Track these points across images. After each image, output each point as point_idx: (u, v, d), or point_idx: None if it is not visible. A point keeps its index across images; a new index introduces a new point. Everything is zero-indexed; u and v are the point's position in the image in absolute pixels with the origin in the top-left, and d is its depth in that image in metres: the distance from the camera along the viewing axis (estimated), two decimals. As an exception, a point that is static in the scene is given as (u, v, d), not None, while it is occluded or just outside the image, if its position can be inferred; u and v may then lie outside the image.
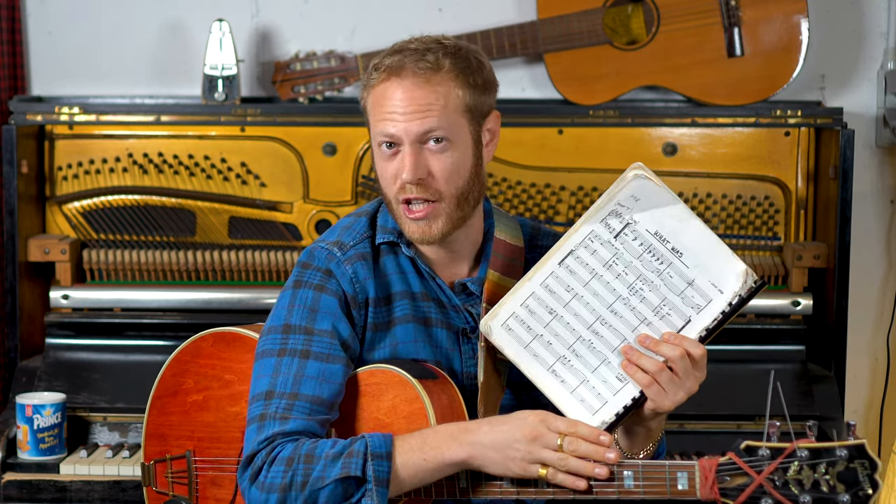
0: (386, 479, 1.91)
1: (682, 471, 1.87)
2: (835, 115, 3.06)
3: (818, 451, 1.79)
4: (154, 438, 2.27)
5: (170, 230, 3.16)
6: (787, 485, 1.79)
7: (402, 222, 2.07)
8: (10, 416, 2.87)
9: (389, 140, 2.03)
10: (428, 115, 2.01)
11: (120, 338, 3.05)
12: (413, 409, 2.00)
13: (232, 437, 2.17)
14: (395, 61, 2.03)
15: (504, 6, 3.26)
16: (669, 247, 1.94)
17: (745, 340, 3.02)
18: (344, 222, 2.17)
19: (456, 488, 1.97)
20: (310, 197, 3.16)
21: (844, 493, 1.78)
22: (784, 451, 1.80)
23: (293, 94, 3.20)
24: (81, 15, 3.33)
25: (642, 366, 1.93)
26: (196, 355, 2.24)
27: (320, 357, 2.02)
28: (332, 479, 1.91)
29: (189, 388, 2.23)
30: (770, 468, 1.80)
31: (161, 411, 2.26)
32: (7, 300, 3.06)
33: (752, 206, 3.14)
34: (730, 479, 1.83)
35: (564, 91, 3.19)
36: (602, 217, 1.95)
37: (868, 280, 3.32)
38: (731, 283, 1.93)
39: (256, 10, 3.32)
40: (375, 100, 2.05)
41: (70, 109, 3.09)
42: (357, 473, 1.91)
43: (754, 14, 3.16)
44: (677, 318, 1.94)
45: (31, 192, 3.12)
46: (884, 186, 3.32)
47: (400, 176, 2.02)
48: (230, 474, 2.17)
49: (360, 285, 2.08)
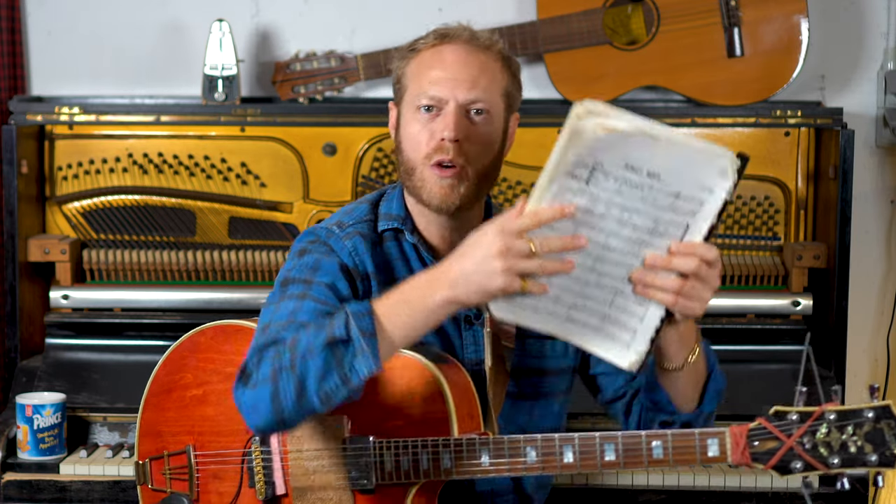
0: (371, 330, 1.87)
1: (713, 437, 1.90)
2: (835, 115, 3.06)
3: (845, 413, 1.83)
4: (149, 437, 2.26)
5: (170, 230, 3.16)
6: (816, 447, 1.83)
7: (425, 186, 2.07)
8: (10, 416, 2.88)
9: (431, 103, 2.06)
10: (476, 86, 2.06)
11: (120, 338, 3.05)
12: (430, 391, 2.01)
13: (234, 430, 2.17)
14: (446, 31, 2.10)
15: (504, 6, 3.26)
16: (644, 173, 1.86)
17: (745, 340, 3.02)
18: (345, 208, 2.21)
19: (440, 470, 1.99)
20: (310, 197, 3.16)
21: (872, 454, 1.81)
22: (812, 414, 1.84)
23: (293, 95, 3.20)
24: (81, 15, 3.33)
25: (661, 286, 1.87)
26: (194, 350, 2.24)
27: (318, 301, 2.03)
28: (319, 348, 1.88)
29: (187, 383, 2.23)
30: (799, 431, 1.84)
31: (156, 409, 2.26)
32: (7, 300, 3.06)
33: (752, 206, 3.15)
34: (759, 444, 1.86)
35: (564, 91, 3.19)
36: (567, 170, 1.87)
37: (868, 280, 3.32)
38: (717, 180, 1.85)
39: (256, 10, 3.32)
40: (420, 63, 2.09)
41: (70, 109, 3.09)
42: (341, 334, 1.87)
43: (754, 14, 3.16)
44: (675, 229, 1.87)
45: (31, 192, 3.12)
46: (884, 186, 3.32)
47: (438, 135, 2.05)
48: (234, 466, 2.17)
49: (358, 258, 2.11)
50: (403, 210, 2.15)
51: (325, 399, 1.90)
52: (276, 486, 2.13)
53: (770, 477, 2.72)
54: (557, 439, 1.96)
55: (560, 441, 1.96)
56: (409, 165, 2.09)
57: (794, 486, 2.72)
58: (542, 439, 1.97)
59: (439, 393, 2.01)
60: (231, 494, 2.17)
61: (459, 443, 2.00)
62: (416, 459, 2.01)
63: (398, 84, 2.13)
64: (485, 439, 2.00)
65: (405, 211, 2.15)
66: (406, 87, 2.11)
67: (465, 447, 1.99)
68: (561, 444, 1.96)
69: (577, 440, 1.96)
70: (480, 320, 2.13)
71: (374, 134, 3.13)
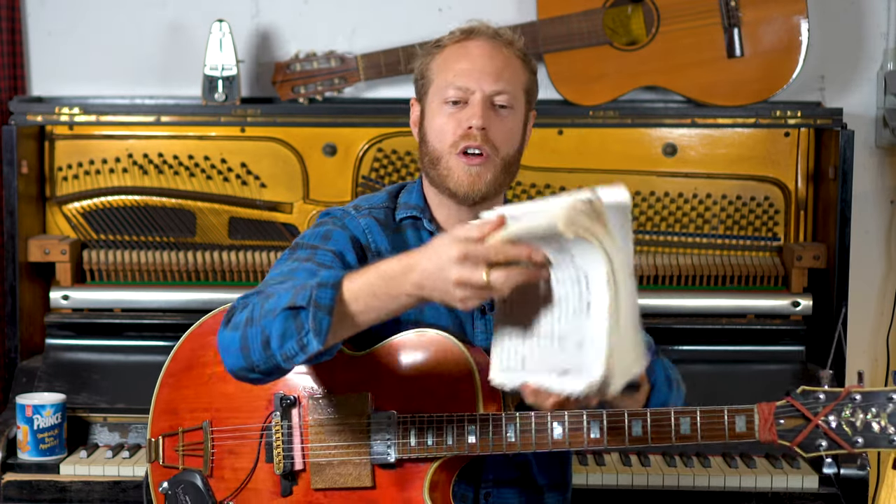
0: (329, 305, 1.85)
1: (741, 414, 1.95)
2: (834, 115, 3.06)
3: (869, 394, 1.89)
4: (164, 414, 2.26)
5: (170, 230, 3.16)
6: (840, 426, 1.90)
7: (452, 174, 2.11)
8: (10, 417, 2.88)
9: (457, 94, 2.11)
10: (501, 79, 2.12)
11: (120, 338, 3.05)
12: (458, 370, 2.04)
13: (254, 406, 2.17)
14: (469, 28, 2.16)
15: (504, 6, 3.26)
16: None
17: (744, 341, 3.02)
18: (364, 195, 2.28)
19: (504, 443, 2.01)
20: (310, 197, 3.16)
21: (895, 434, 1.88)
22: (839, 395, 1.91)
23: (293, 95, 3.20)
24: (81, 15, 3.33)
25: None
26: (216, 330, 2.23)
27: (320, 265, 2.05)
28: (281, 309, 1.89)
29: (208, 360, 2.22)
30: (825, 410, 1.90)
31: (174, 387, 2.25)
32: (7, 300, 3.06)
33: (752, 206, 3.15)
34: (785, 422, 1.93)
35: (564, 91, 3.19)
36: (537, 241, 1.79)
37: (868, 280, 3.32)
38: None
39: (256, 10, 3.32)
40: (446, 58, 2.15)
41: (70, 109, 3.09)
42: (302, 301, 1.87)
43: (754, 14, 3.16)
44: None
45: (31, 192, 3.12)
46: (884, 186, 3.32)
47: (465, 124, 2.10)
48: (251, 442, 2.17)
49: (371, 236, 2.15)
50: (423, 201, 2.20)
51: (287, 360, 1.91)
52: (295, 462, 2.13)
53: (770, 477, 2.72)
54: (585, 415, 1.99)
55: (588, 416, 1.99)
56: (435, 155, 2.13)
57: (794, 486, 2.73)
58: (570, 415, 2.00)
59: (468, 372, 2.03)
60: (246, 470, 2.17)
61: (486, 417, 2.03)
62: (441, 434, 2.03)
63: (422, 79, 2.18)
64: (511, 414, 2.02)
65: (424, 202, 2.20)
66: (431, 81, 2.16)
67: (491, 422, 2.02)
68: (589, 420, 1.99)
69: (604, 416, 1.99)
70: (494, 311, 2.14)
71: (374, 134, 3.13)
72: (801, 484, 2.72)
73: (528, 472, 2.19)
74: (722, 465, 2.78)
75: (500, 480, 2.16)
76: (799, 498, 2.72)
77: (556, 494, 2.23)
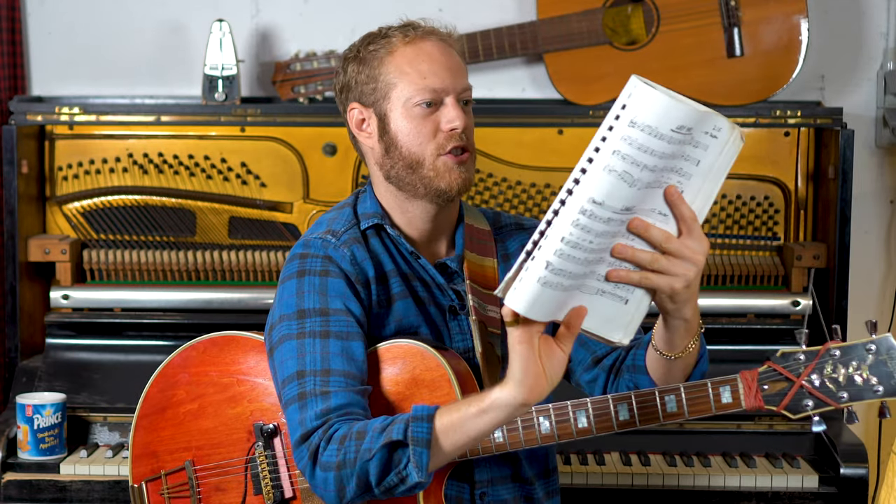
0: (426, 439, 1.88)
1: (725, 385, 1.94)
2: (834, 115, 3.06)
3: (848, 348, 1.90)
4: (144, 458, 2.24)
5: (170, 230, 3.16)
6: (824, 384, 1.90)
7: (442, 176, 2.10)
8: (11, 416, 2.88)
9: (431, 97, 2.09)
10: (462, 76, 2.14)
11: (120, 338, 3.05)
12: (435, 376, 2.02)
13: (234, 440, 2.16)
14: (417, 26, 2.15)
15: (504, 6, 3.26)
16: None
17: (745, 340, 3.02)
18: (328, 216, 2.21)
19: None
20: (310, 197, 3.16)
21: (878, 385, 1.88)
22: (818, 352, 1.91)
23: (293, 94, 3.20)
24: (81, 15, 3.33)
25: (626, 271, 1.82)
26: (185, 366, 2.23)
27: (340, 336, 2.04)
28: (378, 448, 1.90)
29: (181, 399, 2.21)
30: (807, 370, 1.91)
31: (149, 429, 2.24)
32: (7, 300, 3.06)
33: (752, 206, 3.15)
34: (769, 387, 1.92)
35: (564, 91, 3.19)
36: None
37: (868, 280, 3.32)
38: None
39: (256, 10, 3.32)
40: (408, 60, 2.11)
41: (70, 109, 3.09)
42: (399, 437, 1.89)
43: (754, 14, 3.16)
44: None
45: (31, 192, 3.12)
46: (884, 186, 3.32)
47: (447, 126, 2.09)
48: (237, 476, 2.16)
49: (358, 266, 2.11)
50: (379, 207, 2.18)
51: (387, 492, 1.94)
52: (284, 490, 2.13)
53: (770, 476, 2.72)
54: (570, 406, 1.98)
55: (573, 407, 1.98)
56: (413, 160, 2.11)
57: (794, 485, 2.73)
58: (554, 408, 1.99)
59: (445, 378, 2.03)
60: None
61: None
62: None
63: (373, 83, 2.13)
64: None
65: (381, 207, 2.18)
66: (392, 85, 2.11)
67: None
68: (574, 410, 1.98)
69: (589, 404, 1.98)
70: (465, 310, 2.15)
71: (374, 134, 3.13)
72: (801, 484, 2.72)
73: (518, 466, 2.18)
74: (722, 464, 2.78)
75: (495, 479, 2.16)
76: (799, 498, 2.72)
77: (543, 482, 2.23)
